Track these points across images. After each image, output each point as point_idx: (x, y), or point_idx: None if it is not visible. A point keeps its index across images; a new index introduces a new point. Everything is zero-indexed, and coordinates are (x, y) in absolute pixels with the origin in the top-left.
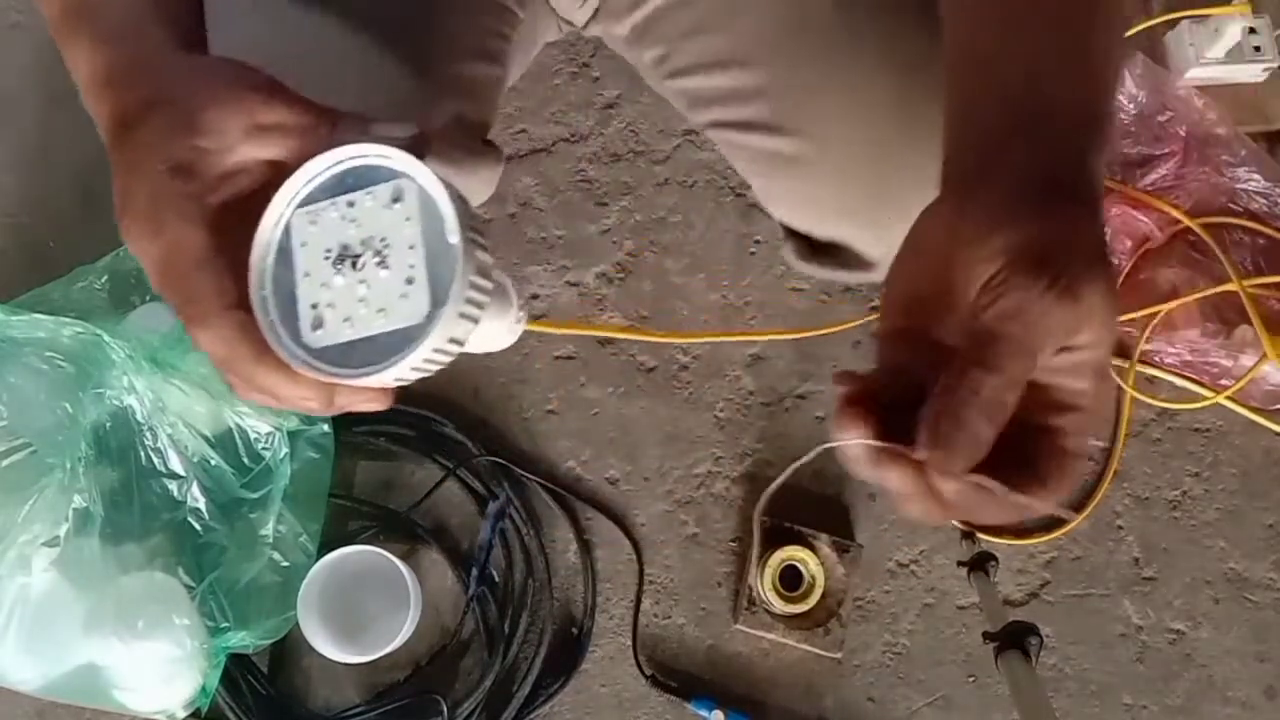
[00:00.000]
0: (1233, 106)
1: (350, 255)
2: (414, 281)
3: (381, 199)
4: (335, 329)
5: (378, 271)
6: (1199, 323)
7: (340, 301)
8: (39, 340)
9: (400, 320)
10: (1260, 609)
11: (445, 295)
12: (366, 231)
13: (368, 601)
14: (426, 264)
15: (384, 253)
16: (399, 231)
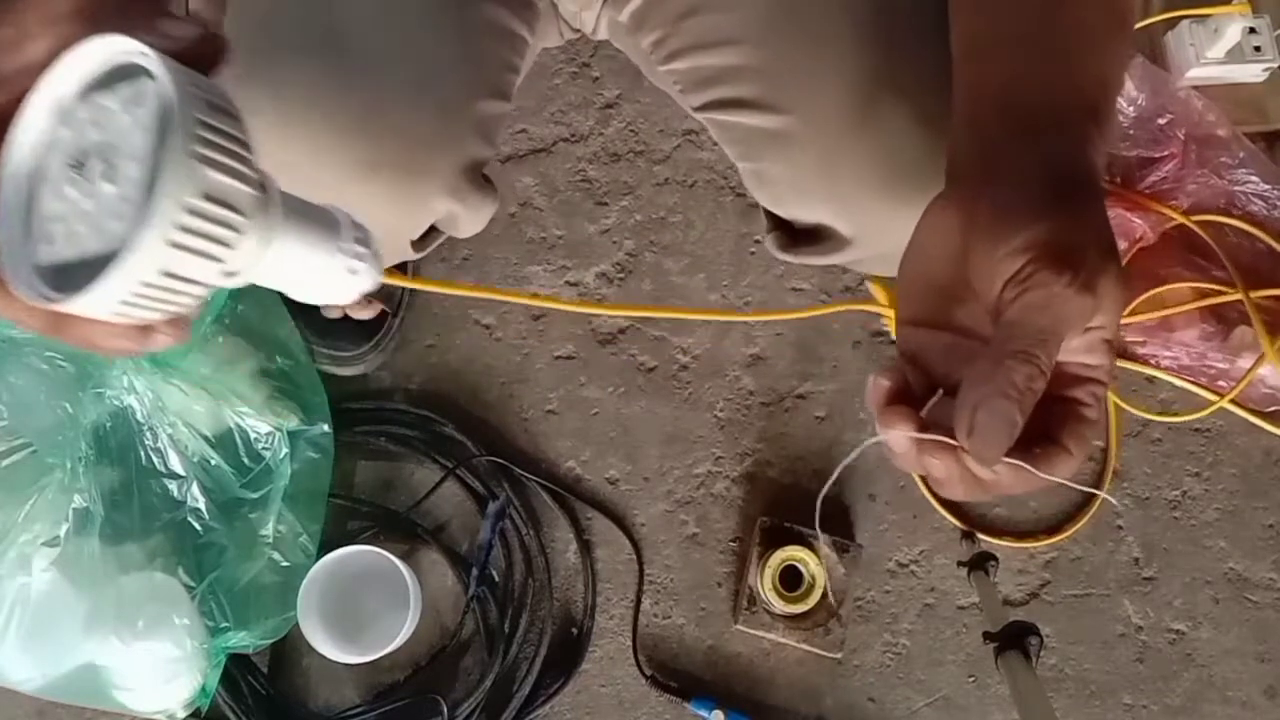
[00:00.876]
0: (1232, 106)
1: (81, 157)
2: (128, 200)
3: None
4: (59, 246)
5: (102, 185)
6: (1197, 325)
7: (70, 215)
8: (39, 340)
9: (107, 242)
10: (1260, 609)
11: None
12: (104, 137)
13: (368, 601)
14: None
15: (113, 162)
16: (129, 141)
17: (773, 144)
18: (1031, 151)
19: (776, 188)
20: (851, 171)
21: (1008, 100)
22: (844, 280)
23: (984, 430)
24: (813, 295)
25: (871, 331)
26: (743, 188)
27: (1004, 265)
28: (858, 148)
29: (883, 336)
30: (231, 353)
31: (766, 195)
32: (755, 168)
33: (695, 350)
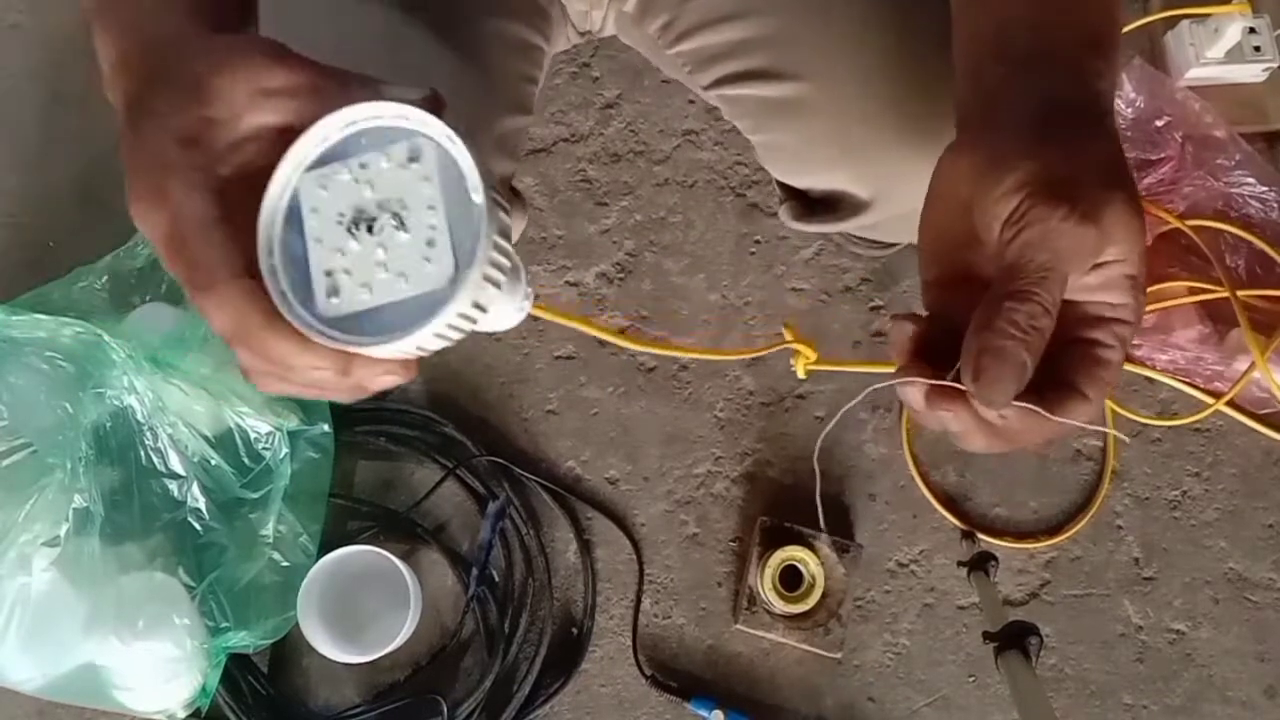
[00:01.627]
0: (1232, 106)
1: (365, 219)
2: (435, 244)
3: (397, 159)
4: (352, 296)
5: (396, 235)
6: (1194, 327)
7: (356, 268)
8: (39, 340)
9: (423, 285)
10: (1260, 609)
11: (471, 256)
12: (382, 194)
13: (368, 601)
14: (448, 225)
15: (402, 215)
16: (417, 192)
17: (785, 112)
18: (1026, 91)
19: (791, 157)
20: (867, 131)
21: (1003, 44)
22: (844, 280)
23: (989, 373)
24: (813, 295)
25: (871, 331)
26: (743, 188)
27: (1000, 207)
28: (872, 106)
29: (883, 337)
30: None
31: (781, 167)
32: (769, 139)
33: None
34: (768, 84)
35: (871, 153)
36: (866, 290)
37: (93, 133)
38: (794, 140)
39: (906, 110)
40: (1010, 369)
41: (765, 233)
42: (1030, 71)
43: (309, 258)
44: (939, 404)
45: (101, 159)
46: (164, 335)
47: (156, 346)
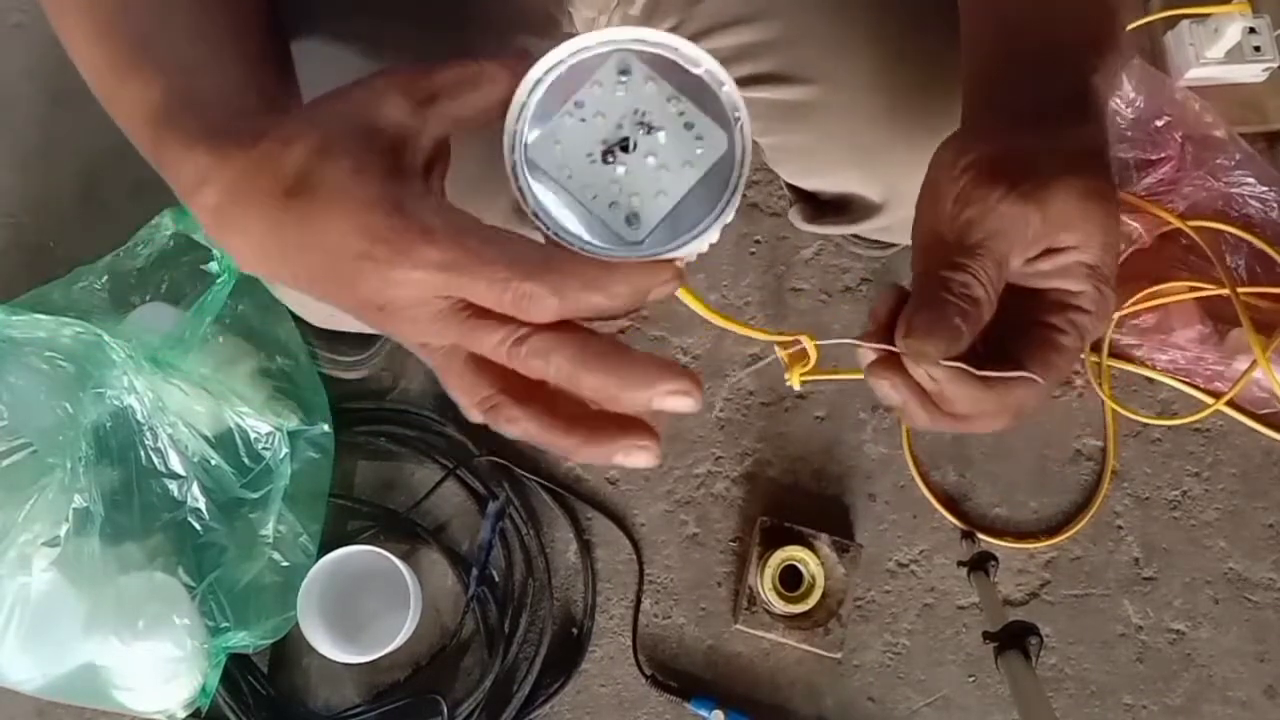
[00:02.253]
0: (1232, 106)
1: (616, 143)
2: (694, 125)
3: (608, 81)
4: (651, 209)
5: (655, 138)
6: (1194, 327)
7: (639, 185)
8: (39, 340)
9: (708, 160)
10: (1260, 609)
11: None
12: (616, 116)
13: (368, 601)
14: (694, 104)
15: (647, 121)
16: (647, 95)
17: (796, 115)
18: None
19: (802, 159)
20: (878, 132)
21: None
22: (844, 280)
23: (918, 330)
24: (813, 295)
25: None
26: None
27: (950, 186)
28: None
29: None
30: (231, 353)
31: (792, 169)
32: (779, 141)
33: (695, 350)
34: (778, 87)
35: (882, 154)
36: (866, 290)
37: (93, 133)
38: (805, 142)
39: (917, 110)
40: (941, 326)
41: (765, 233)
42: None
43: (587, 208)
44: (879, 372)
45: (101, 159)
46: (164, 335)
47: (156, 346)
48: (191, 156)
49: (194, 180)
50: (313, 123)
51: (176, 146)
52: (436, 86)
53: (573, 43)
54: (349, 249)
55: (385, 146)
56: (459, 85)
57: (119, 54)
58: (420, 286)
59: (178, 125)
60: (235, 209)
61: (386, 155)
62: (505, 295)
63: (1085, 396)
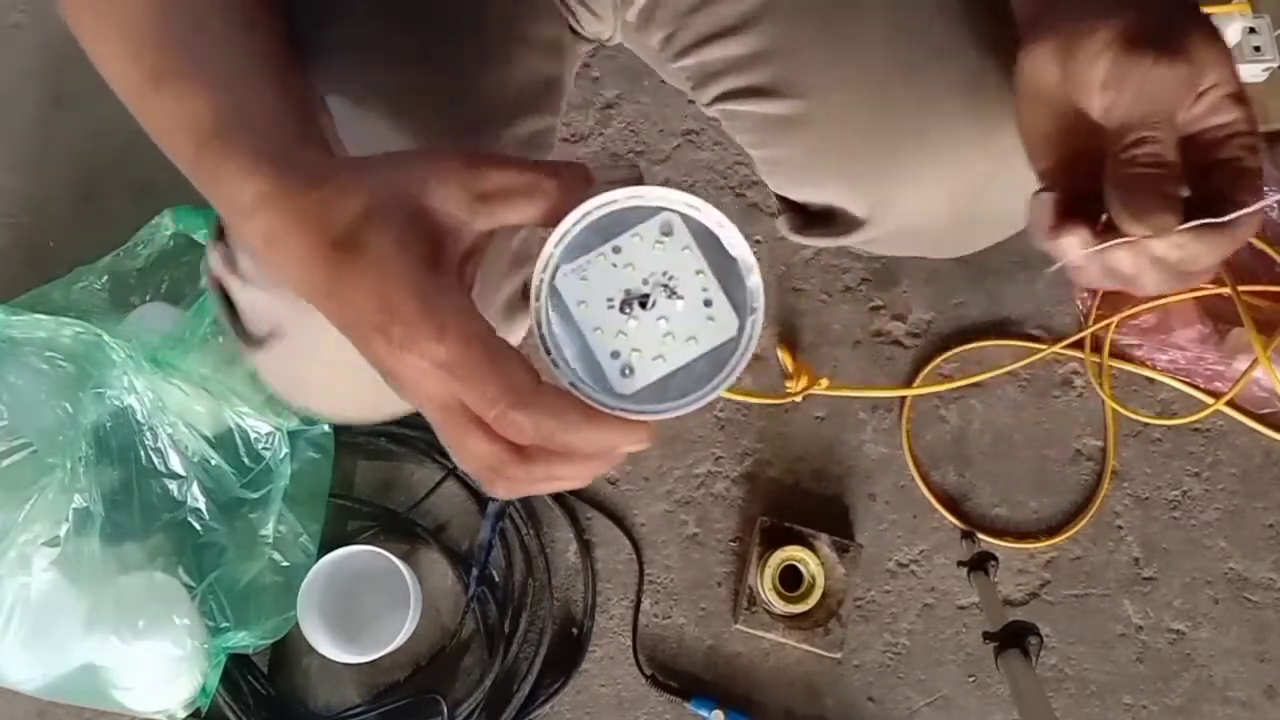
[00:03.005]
0: None
1: (636, 297)
2: (713, 303)
3: (649, 237)
4: (647, 369)
5: (673, 304)
6: (1194, 327)
7: (643, 343)
8: (39, 340)
9: (714, 339)
10: (1260, 609)
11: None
12: (644, 271)
13: (368, 601)
14: (719, 283)
15: (671, 285)
16: (680, 261)
17: (785, 129)
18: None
19: (790, 172)
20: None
21: None
22: (844, 280)
23: (1147, 206)
24: (813, 295)
25: (872, 331)
26: (743, 188)
27: (1093, 73)
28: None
29: (883, 336)
30: (231, 352)
31: (780, 180)
32: (768, 154)
33: None
34: (769, 101)
35: (869, 170)
36: (866, 290)
37: (93, 133)
38: (794, 155)
39: (905, 126)
40: (1160, 197)
41: (765, 233)
42: None
43: (591, 348)
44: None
45: (101, 159)
46: (164, 335)
47: (156, 346)
48: (252, 180)
49: (252, 203)
50: (373, 184)
51: (231, 166)
52: (493, 187)
53: (629, 191)
54: (368, 317)
55: (432, 231)
56: (515, 192)
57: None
58: (422, 375)
59: (230, 144)
60: (288, 239)
61: (431, 239)
62: (490, 413)
63: (1085, 396)
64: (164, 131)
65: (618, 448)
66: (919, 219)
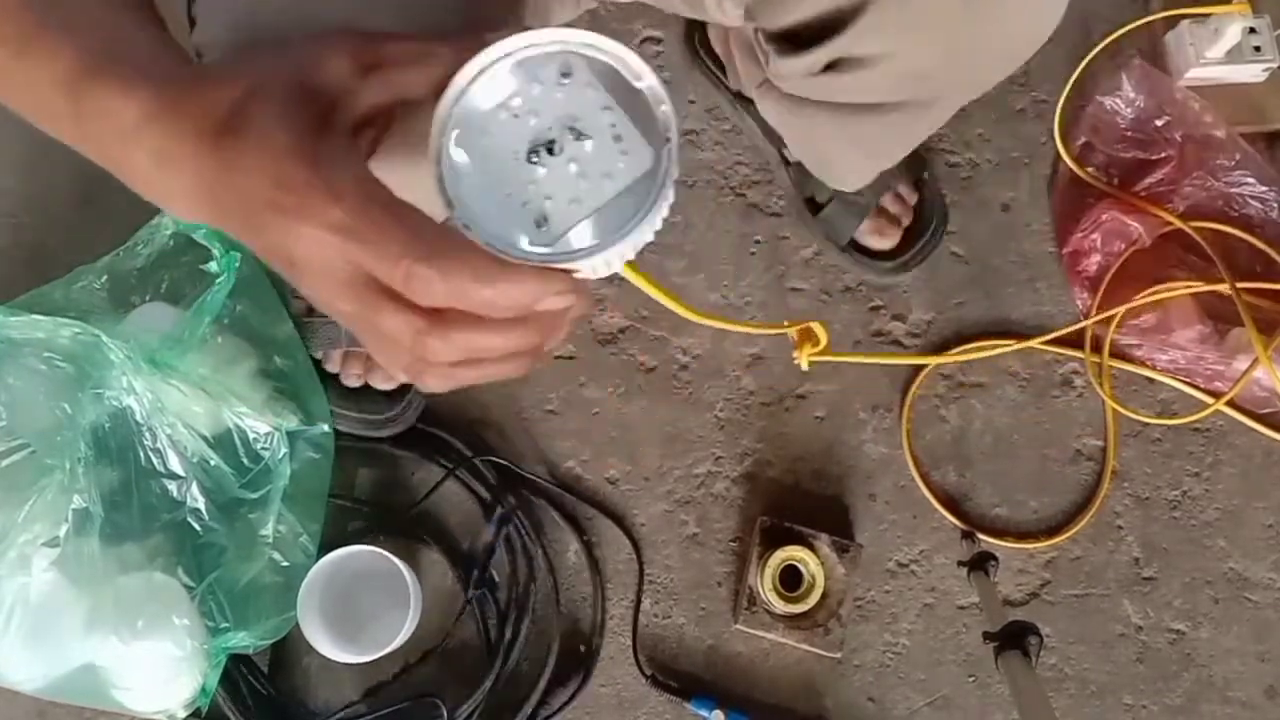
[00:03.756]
0: (1232, 107)
1: (543, 143)
2: (622, 138)
3: (549, 80)
4: (564, 214)
5: (582, 145)
6: (1194, 327)
7: (555, 189)
8: (38, 341)
9: (630, 173)
10: (1260, 609)
11: (668, 132)
12: (548, 118)
13: (368, 601)
14: (628, 118)
15: (577, 126)
16: (584, 101)
17: None
18: None
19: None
20: None
21: None
22: (844, 280)
23: None
24: (813, 295)
25: (871, 331)
26: (743, 188)
27: None
28: None
29: (882, 336)
30: (231, 353)
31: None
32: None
33: (695, 350)
34: None
35: None
36: (866, 290)
37: None
38: None
39: None
40: None
41: (765, 233)
42: None
43: (500, 203)
44: None
45: None
46: (162, 335)
47: (155, 347)
48: (134, 98)
49: (137, 119)
50: (253, 66)
51: (113, 93)
52: (384, 55)
53: (523, 36)
54: (260, 194)
55: (318, 101)
56: (406, 59)
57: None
58: (321, 245)
59: (108, 75)
60: (174, 147)
61: (317, 108)
62: (395, 271)
63: (1085, 396)
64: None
65: (540, 301)
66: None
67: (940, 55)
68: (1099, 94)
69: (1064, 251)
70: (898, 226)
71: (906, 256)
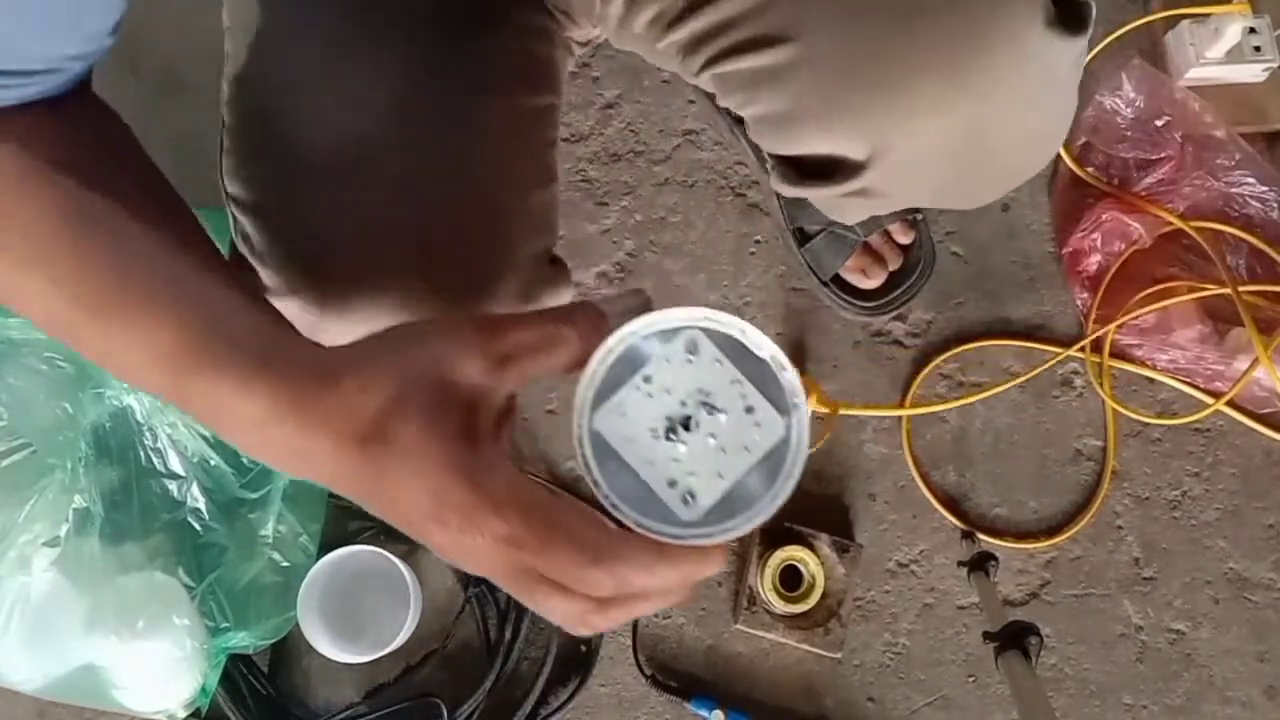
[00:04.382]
0: (1232, 107)
1: (679, 421)
2: (754, 409)
3: (676, 359)
4: (708, 490)
5: (717, 419)
6: (1194, 326)
7: (698, 465)
8: (38, 340)
9: (765, 444)
10: (1260, 609)
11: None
12: (681, 394)
13: (368, 601)
14: (756, 388)
15: (710, 401)
16: (713, 375)
17: (775, 78)
18: None
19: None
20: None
21: None
22: None
23: None
24: (813, 295)
25: (871, 331)
26: (743, 188)
27: None
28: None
29: (883, 336)
30: None
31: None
32: (761, 110)
33: None
34: (757, 54)
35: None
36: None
37: None
38: (785, 105)
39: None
40: None
41: (765, 233)
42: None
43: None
44: None
45: None
46: None
47: None
48: (251, 394)
49: (262, 418)
50: (390, 371)
51: (226, 387)
52: (512, 347)
53: (647, 318)
54: (420, 508)
55: (461, 406)
56: (535, 349)
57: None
58: (490, 554)
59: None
60: (307, 444)
61: (462, 416)
62: (563, 576)
63: (1085, 396)
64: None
65: (696, 577)
66: (919, 155)
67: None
68: (1099, 94)
69: (1064, 251)
70: (884, 268)
71: (886, 300)
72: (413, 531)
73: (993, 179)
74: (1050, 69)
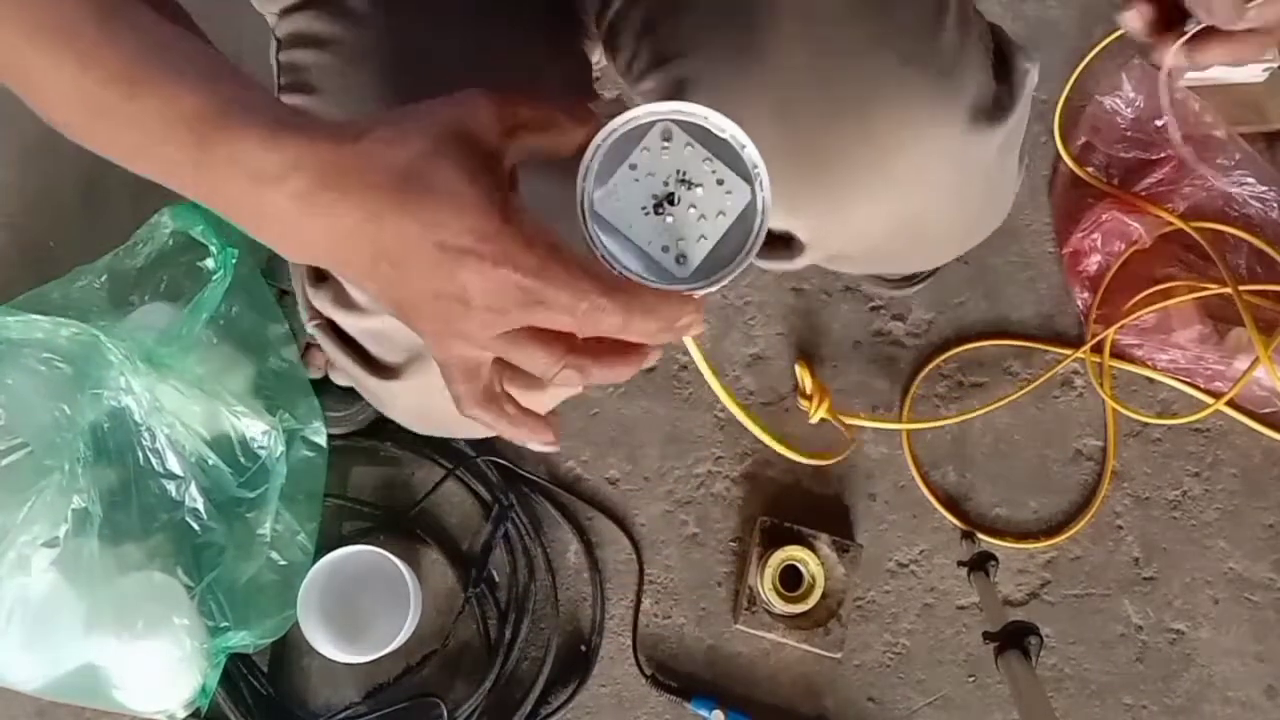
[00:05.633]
0: (1232, 106)
1: (664, 197)
2: (724, 181)
3: (654, 146)
4: (697, 249)
5: (695, 192)
6: (1194, 326)
7: (684, 230)
8: (37, 341)
9: (737, 207)
10: (1260, 609)
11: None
12: (662, 175)
13: (368, 601)
14: (724, 163)
15: (687, 178)
16: (686, 157)
17: None
18: None
19: None
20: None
21: None
22: (843, 280)
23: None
24: (812, 295)
25: (872, 331)
26: None
27: None
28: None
29: (883, 336)
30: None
31: None
32: None
33: None
34: None
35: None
36: (865, 290)
37: None
38: None
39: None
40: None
41: None
42: None
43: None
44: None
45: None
46: (160, 335)
47: (152, 347)
48: (276, 145)
49: (280, 167)
50: (418, 127)
51: (249, 138)
52: (522, 119)
53: (626, 115)
54: (455, 244)
55: (487, 158)
56: (538, 125)
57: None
58: (513, 287)
59: (243, 119)
60: (329, 195)
61: (490, 166)
62: (581, 304)
63: (1085, 396)
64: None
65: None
66: (858, 239)
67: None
68: (1099, 94)
69: (1064, 251)
70: None
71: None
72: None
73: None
74: (974, 160)
